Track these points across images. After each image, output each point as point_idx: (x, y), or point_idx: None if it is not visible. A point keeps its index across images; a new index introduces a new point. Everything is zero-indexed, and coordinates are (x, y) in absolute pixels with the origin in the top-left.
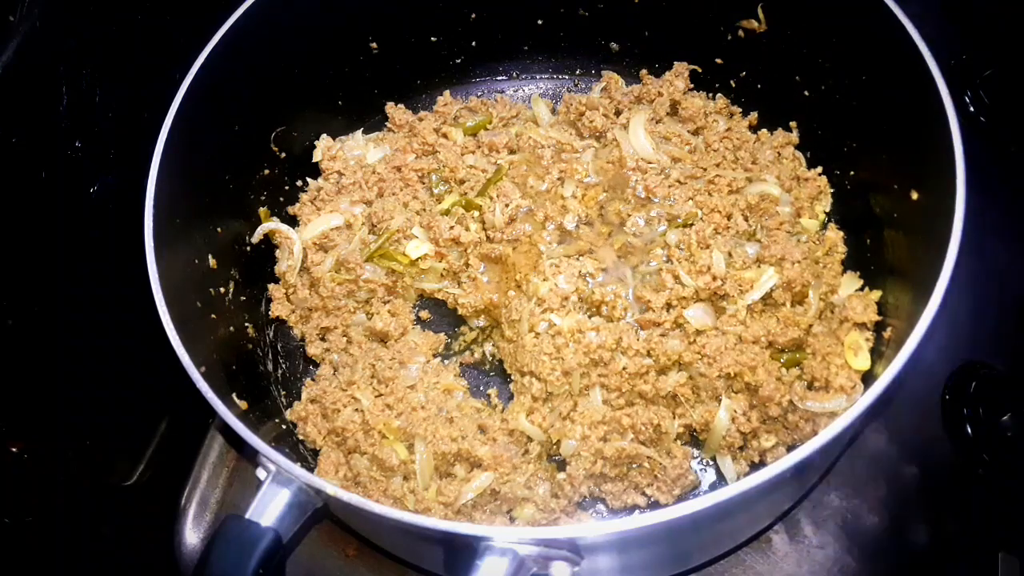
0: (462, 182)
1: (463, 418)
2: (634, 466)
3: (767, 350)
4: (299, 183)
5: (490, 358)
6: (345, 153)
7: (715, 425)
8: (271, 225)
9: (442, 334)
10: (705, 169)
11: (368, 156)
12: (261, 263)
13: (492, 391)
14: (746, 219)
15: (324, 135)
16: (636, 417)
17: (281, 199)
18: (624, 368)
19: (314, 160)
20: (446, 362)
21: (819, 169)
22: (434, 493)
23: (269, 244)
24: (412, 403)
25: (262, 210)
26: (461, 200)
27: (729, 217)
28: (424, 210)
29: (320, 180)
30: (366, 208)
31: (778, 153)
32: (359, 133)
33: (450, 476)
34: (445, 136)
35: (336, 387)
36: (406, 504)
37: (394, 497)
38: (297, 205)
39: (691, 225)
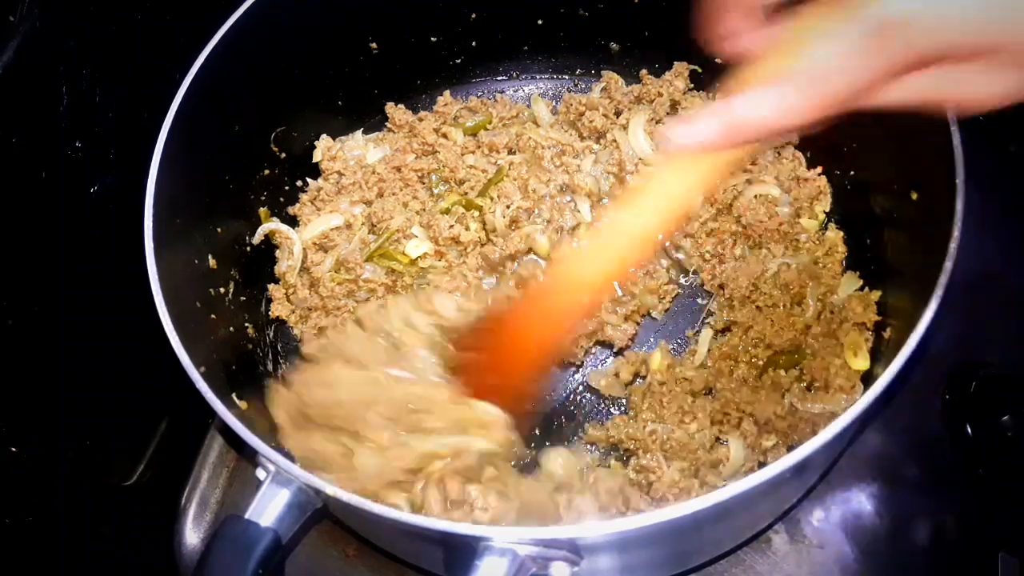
0: (462, 182)
1: None
2: None
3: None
4: (299, 183)
5: None
6: (345, 153)
7: (732, 462)
8: (271, 225)
9: None
10: None
11: (368, 156)
12: (261, 263)
13: None
14: (744, 226)
15: (324, 135)
16: None
17: (281, 199)
18: None
19: (314, 160)
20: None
21: (819, 169)
22: None
23: (269, 244)
24: None
25: (262, 210)
26: (461, 200)
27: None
28: (424, 210)
29: (320, 180)
30: (366, 208)
31: (778, 153)
32: (359, 133)
33: None
34: (445, 136)
35: None
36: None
37: None
38: (297, 205)
39: None
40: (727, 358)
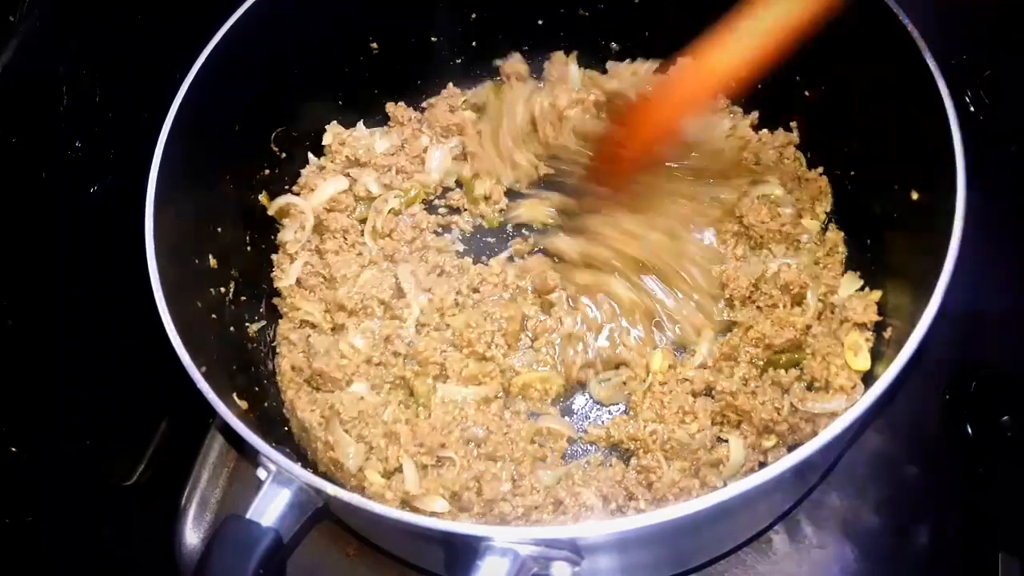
0: None
1: None
2: None
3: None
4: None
5: None
6: (354, 141)
7: (732, 462)
8: (286, 199)
9: None
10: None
11: (376, 146)
12: (261, 263)
13: None
14: (746, 227)
15: (334, 121)
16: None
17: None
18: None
19: (323, 143)
20: None
21: (820, 169)
22: None
23: (270, 246)
24: None
25: (263, 195)
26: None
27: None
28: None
29: (322, 160)
30: (378, 176)
31: (779, 153)
32: (361, 124)
33: None
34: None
35: None
36: None
37: None
38: (301, 180)
39: None
40: (727, 358)
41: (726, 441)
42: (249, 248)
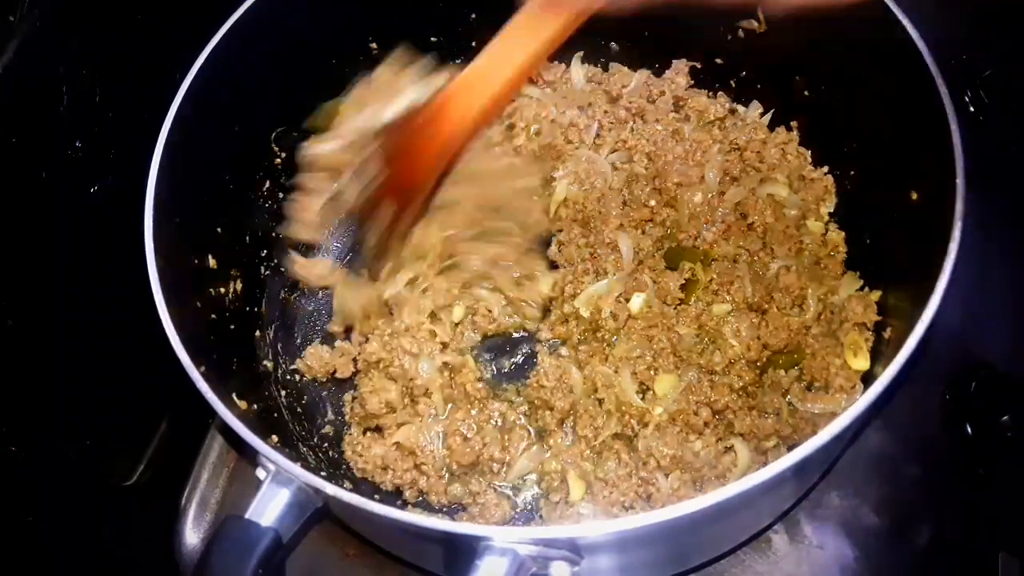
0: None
1: None
2: None
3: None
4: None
5: None
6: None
7: (740, 466)
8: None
9: None
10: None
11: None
12: (262, 262)
13: None
14: (751, 227)
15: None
16: None
17: (281, 196)
18: None
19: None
20: None
21: (825, 168)
22: None
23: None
24: None
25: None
26: None
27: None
28: None
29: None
30: None
31: (782, 150)
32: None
33: None
34: None
35: None
36: None
37: None
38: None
39: None
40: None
41: (731, 448)
42: (249, 248)
